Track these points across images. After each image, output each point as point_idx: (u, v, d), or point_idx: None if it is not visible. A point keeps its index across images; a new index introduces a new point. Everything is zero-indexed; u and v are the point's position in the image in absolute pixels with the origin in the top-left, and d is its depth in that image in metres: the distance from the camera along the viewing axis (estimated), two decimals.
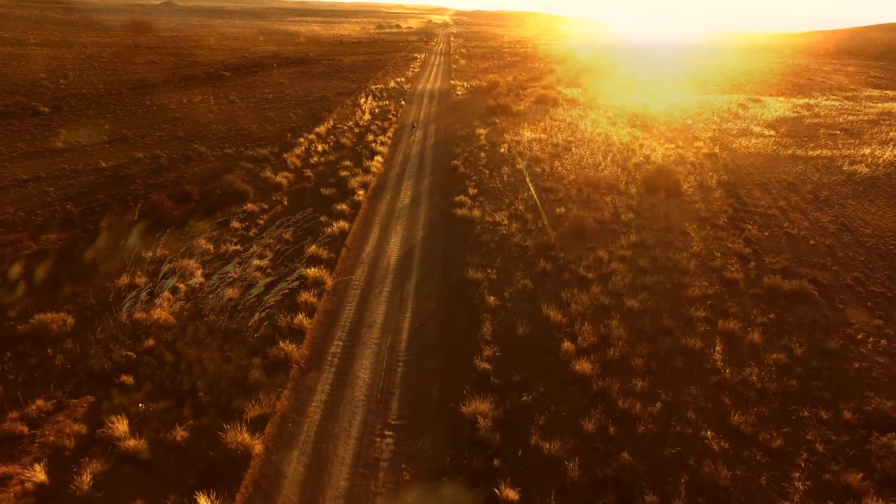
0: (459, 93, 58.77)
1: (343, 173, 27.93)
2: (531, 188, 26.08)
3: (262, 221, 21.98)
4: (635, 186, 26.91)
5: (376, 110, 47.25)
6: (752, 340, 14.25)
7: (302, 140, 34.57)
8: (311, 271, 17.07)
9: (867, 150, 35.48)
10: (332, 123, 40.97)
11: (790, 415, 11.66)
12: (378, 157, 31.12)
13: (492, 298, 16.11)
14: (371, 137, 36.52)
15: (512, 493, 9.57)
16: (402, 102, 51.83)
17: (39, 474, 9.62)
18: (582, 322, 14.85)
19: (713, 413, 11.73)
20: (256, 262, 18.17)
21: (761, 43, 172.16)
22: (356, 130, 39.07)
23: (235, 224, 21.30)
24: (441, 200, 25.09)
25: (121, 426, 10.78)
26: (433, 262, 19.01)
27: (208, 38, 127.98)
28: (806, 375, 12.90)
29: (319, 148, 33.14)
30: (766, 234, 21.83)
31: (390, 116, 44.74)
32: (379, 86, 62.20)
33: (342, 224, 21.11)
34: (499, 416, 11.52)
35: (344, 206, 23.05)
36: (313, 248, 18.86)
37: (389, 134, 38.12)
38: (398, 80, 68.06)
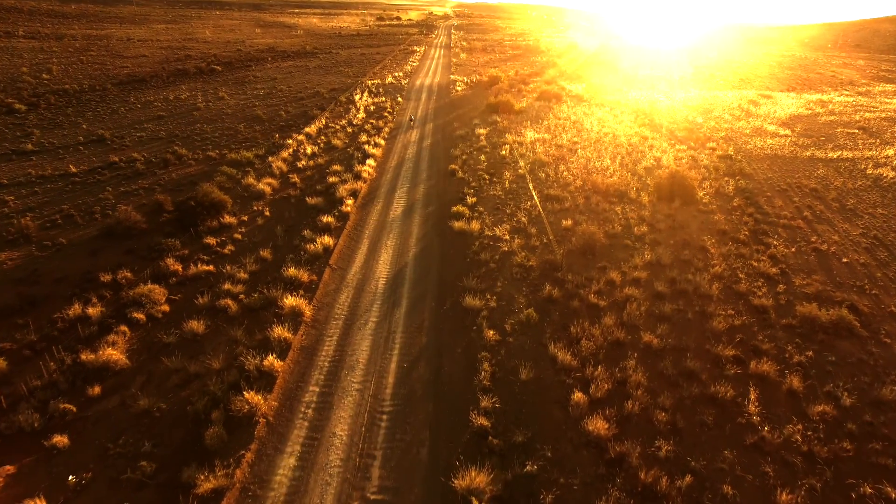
0: (459, 88, 56.56)
1: (332, 179, 25.92)
2: (535, 196, 24.09)
3: (239, 236, 20.04)
4: (647, 194, 24.90)
5: (371, 108, 45.12)
6: (791, 387, 12.34)
7: (290, 141, 32.53)
8: (289, 300, 15.14)
9: (890, 152, 33.38)
10: (323, 122, 38.90)
11: (848, 490, 9.76)
12: (370, 161, 29.10)
13: (491, 332, 14.20)
14: (364, 138, 34.46)
15: None
16: (399, 99, 49.68)
17: None
18: (594, 364, 12.94)
19: (754, 488, 9.84)
20: (228, 286, 16.24)
21: (766, 35, 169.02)
22: (349, 130, 37.00)
23: (209, 240, 19.35)
24: (437, 210, 23.12)
25: None
26: (426, 285, 17.08)
27: (204, 31, 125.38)
28: (860, 435, 10.99)
29: (308, 150, 31.11)
30: (793, 249, 19.86)
31: (386, 114, 42.64)
32: (376, 81, 60.00)
33: (327, 240, 19.15)
34: (497, 492, 9.64)
35: (330, 219, 21.07)
36: (292, 269, 16.91)
37: (384, 134, 36.06)
38: (396, 74, 65.80)
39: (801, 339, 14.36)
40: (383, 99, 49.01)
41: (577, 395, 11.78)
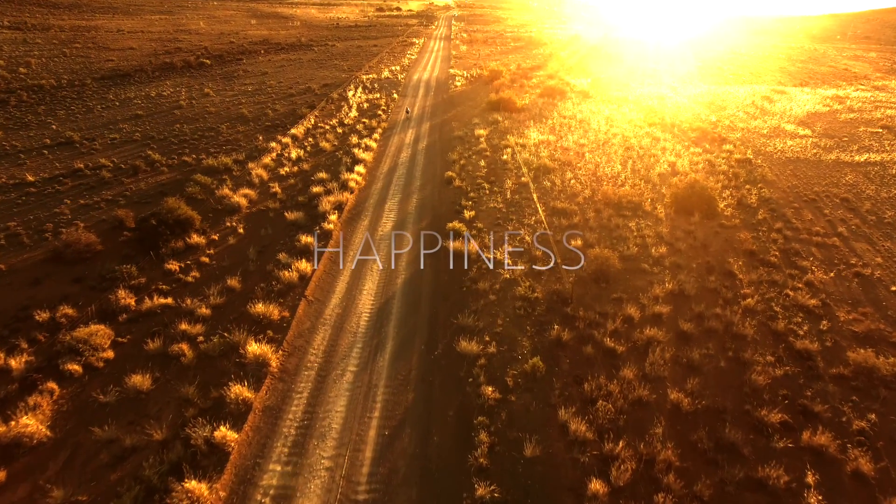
0: (459, 83, 53.92)
1: (316, 189, 23.54)
2: (540, 211, 21.73)
3: (206, 259, 17.74)
4: (663, 205, 22.56)
5: (365, 105, 42.61)
6: (858, 468, 10.10)
7: (274, 144, 30.08)
8: (253, 347, 12.85)
9: None
10: (312, 122, 36.41)
11: None
12: (360, 168, 26.67)
13: (489, 389, 11.94)
14: (355, 140, 32.02)
15: None
16: (395, 95, 47.10)
17: None
18: (614, 436, 10.68)
19: None
20: (185, 326, 13.96)
21: (773, 27, 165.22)
22: (339, 131, 34.53)
23: (172, 264, 17.05)
24: (430, 226, 20.78)
25: None
26: (415, 322, 14.79)
27: (197, 22, 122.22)
28: None
29: (294, 154, 28.69)
30: (832, 275, 17.56)
31: (380, 112, 40.14)
32: (371, 75, 57.34)
33: (304, 266, 16.83)
34: None
35: (310, 239, 18.73)
36: (260, 306, 14.61)
37: (377, 135, 33.59)
38: (393, 68, 63.10)
39: (858, 395, 12.11)
40: (378, 95, 46.46)
41: (595, 485, 9.52)
